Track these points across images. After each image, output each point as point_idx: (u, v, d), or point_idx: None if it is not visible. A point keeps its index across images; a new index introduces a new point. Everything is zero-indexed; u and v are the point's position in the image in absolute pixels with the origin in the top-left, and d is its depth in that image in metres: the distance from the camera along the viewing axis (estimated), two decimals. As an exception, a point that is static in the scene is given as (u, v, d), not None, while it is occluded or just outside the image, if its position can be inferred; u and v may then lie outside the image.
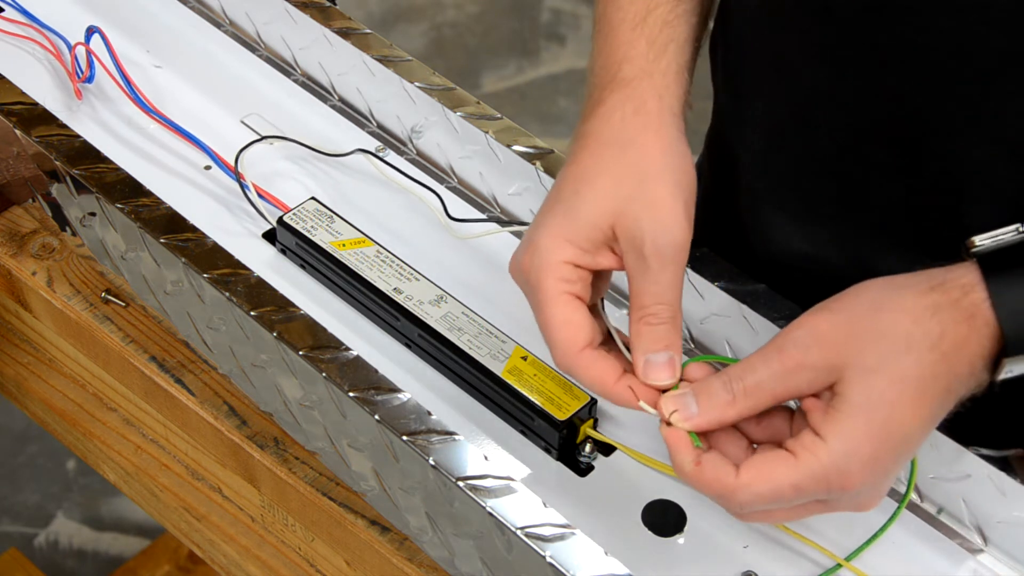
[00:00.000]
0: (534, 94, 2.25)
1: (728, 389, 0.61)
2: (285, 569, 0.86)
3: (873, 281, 0.62)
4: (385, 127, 0.91)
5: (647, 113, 0.67)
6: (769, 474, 0.60)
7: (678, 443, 0.62)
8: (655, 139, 0.67)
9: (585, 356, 0.64)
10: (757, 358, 0.61)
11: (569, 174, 0.67)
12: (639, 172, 0.65)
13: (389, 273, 0.79)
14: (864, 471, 0.59)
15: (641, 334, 0.64)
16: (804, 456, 0.59)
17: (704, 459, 0.61)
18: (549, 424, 0.73)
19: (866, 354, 0.59)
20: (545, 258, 0.65)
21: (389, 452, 0.69)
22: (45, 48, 0.93)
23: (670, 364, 0.64)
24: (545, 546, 0.63)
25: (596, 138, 0.67)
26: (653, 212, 0.64)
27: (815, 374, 0.60)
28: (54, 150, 0.81)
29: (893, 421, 0.59)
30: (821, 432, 0.59)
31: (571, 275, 0.65)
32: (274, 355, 0.73)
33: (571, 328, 0.64)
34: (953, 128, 0.66)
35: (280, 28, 0.94)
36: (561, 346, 0.64)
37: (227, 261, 0.75)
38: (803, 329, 0.61)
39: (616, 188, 0.65)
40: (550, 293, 0.64)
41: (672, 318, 0.64)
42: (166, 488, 0.91)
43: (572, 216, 0.65)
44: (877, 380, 0.59)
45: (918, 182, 0.70)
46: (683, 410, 0.62)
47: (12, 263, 0.88)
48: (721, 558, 0.70)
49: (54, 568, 1.70)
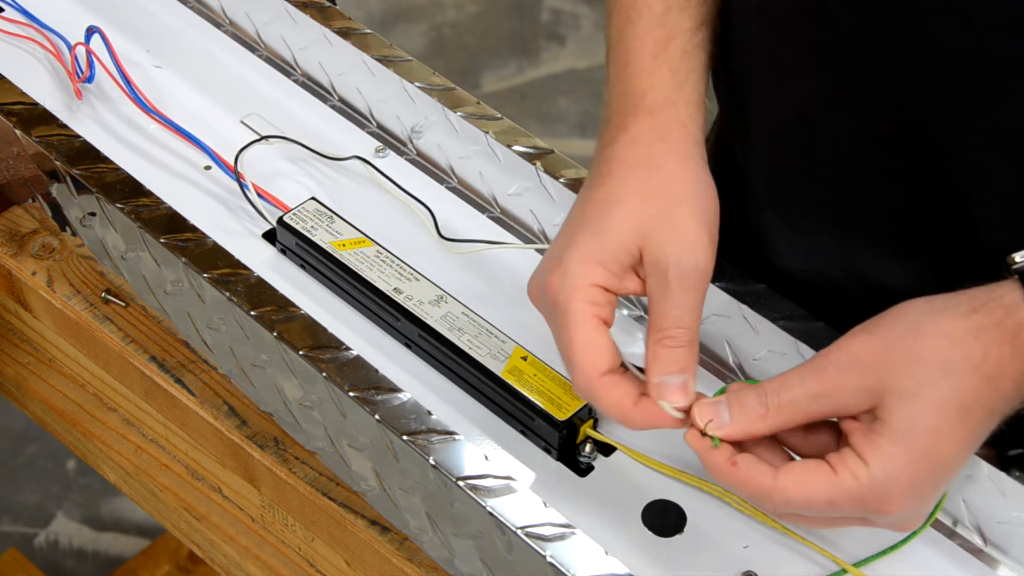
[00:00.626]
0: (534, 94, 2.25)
1: (763, 402, 0.62)
2: (285, 569, 0.86)
3: (913, 302, 0.62)
4: (385, 127, 0.91)
5: (673, 141, 0.68)
6: (806, 483, 0.60)
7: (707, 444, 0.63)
8: (681, 166, 0.68)
9: (606, 380, 0.65)
10: (795, 375, 0.62)
11: (596, 197, 0.68)
12: (666, 196, 0.66)
13: (389, 273, 0.79)
14: (903, 497, 0.60)
15: (658, 356, 0.64)
16: (844, 474, 0.60)
17: (740, 459, 0.62)
18: (549, 424, 0.73)
19: (905, 380, 0.59)
20: (575, 281, 0.65)
21: (389, 452, 0.69)
22: (45, 48, 0.93)
23: (684, 387, 0.64)
24: (545, 546, 0.63)
25: (622, 163, 0.68)
26: (679, 236, 0.65)
27: (852, 397, 0.60)
28: (54, 150, 0.81)
29: (933, 448, 0.59)
30: (863, 454, 0.60)
31: (599, 299, 0.65)
32: (274, 355, 0.73)
33: (596, 351, 0.65)
34: (958, 132, 0.66)
35: (280, 28, 0.94)
36: (584, 369, 0.65)
37: (227, 261, 0.75)
38: (842, 352, 0.61)
39: (644, 210, 0.66)
40: (578, 316, 0.65)
41: (690, 342, 0.64)
42: (166, 488, 0.91)
43: (602, 239, 0.66)
44: (917, 406, 0.59)
45: (924, 187, 0.69)
46: (716, 418, 0.62)
47: (12, 263, 0.88)
48: (721, 558, 0.70)
49: (54, 568, 1.70)
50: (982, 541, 0.72)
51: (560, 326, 0.65)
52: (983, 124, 0.65)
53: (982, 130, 0.66)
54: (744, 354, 0.77)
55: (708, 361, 0.79)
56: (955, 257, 0.71)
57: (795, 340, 0.74)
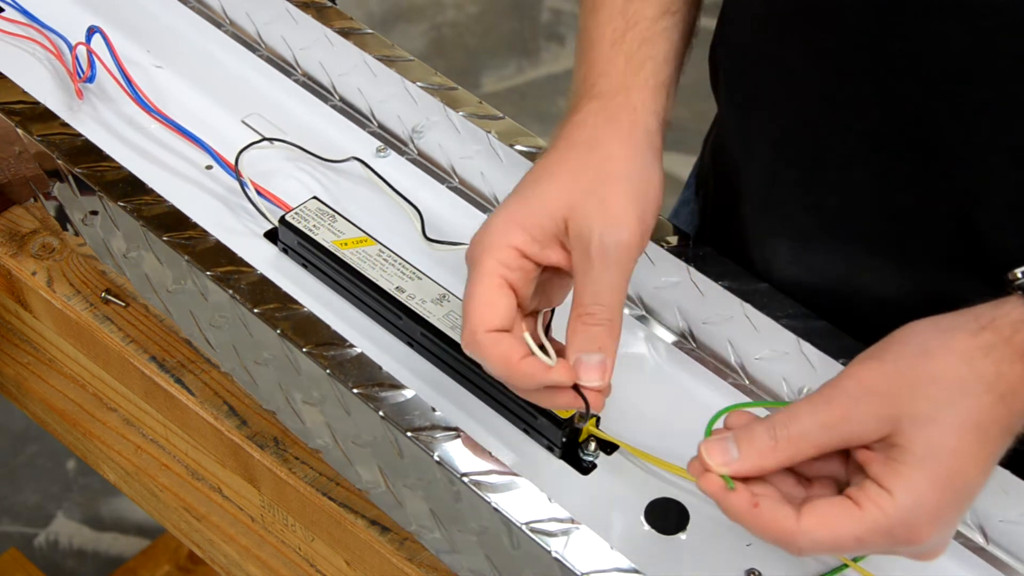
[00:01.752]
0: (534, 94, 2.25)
1: (772, 435, 0.60)
2: (285, 569, 0.86)
3: (918, 323, 0.61)
4: (386, 127, 0.91)
5: (619, 124, 0.68)
6: (832, 523, 0.58)
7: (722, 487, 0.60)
8: (622, 148, 0.67)
9: (491, 336, 0.63)
10: (804, 407, 0.60)
11: (535, 168, 0.68)
12: (599, 172, 0.66)
13: (391, 272, 0.79)
14: (931, 524, 0.58)
15: (576, 332, 0.64)
16: (869, 508, 0.58)
17: (762, 500, 0.59)
18: (552, 423, 0.73)
19: (920, 403, 0.58)
20: (492, 239, 0.64)
21: (393, 448, 0.69)
22: (46, 48, 0.93)
23: (601, 366, 0.63)
24: (550, 541, 0.64)
25: (564, 139, 0.68)
26: (605, 211, 0.64)
27: (865, 426, 0.59)
28: (56, 149, 0.81)
29: (956, 471, 0.58)
30: (886, 484, 0.58)
31: (513, 262, 0.64)
32: (277, 353, 0.73)
33: (487, 308, 0.64)
34: (963, 135, 0.66)
35: (281, 28, 0.94)
36: (470, 323, 0.64)
37: (230, 259, 0.75)
38: (852, 380, 0.59)
39: (574, 182, 0.65)
40: (483, 271, 0.64)
41: (609, 320, 0.63)
42: (166, 488, 0.91)
43: (527, 203, 0.65)
44: (936, 429, 0.58)
45: (927, 191, 0.69)
46: (723, 455, 0.60)
47: (12, 263, 0.88)
48: (724, 556, 0.70)
49: (54, 568, 1.70)
50: (984, 539, 0.72)
51: (467, 282, 0.65)
52: (988, 127, 0.65)
53: (987, 133, 0.65)
54: (746, 353, 0.78)
55: (710, 360, 0.79)
56: (957, 264, 0.71)
57: (797, 339, 0.74)
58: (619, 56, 0.70)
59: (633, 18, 0.71)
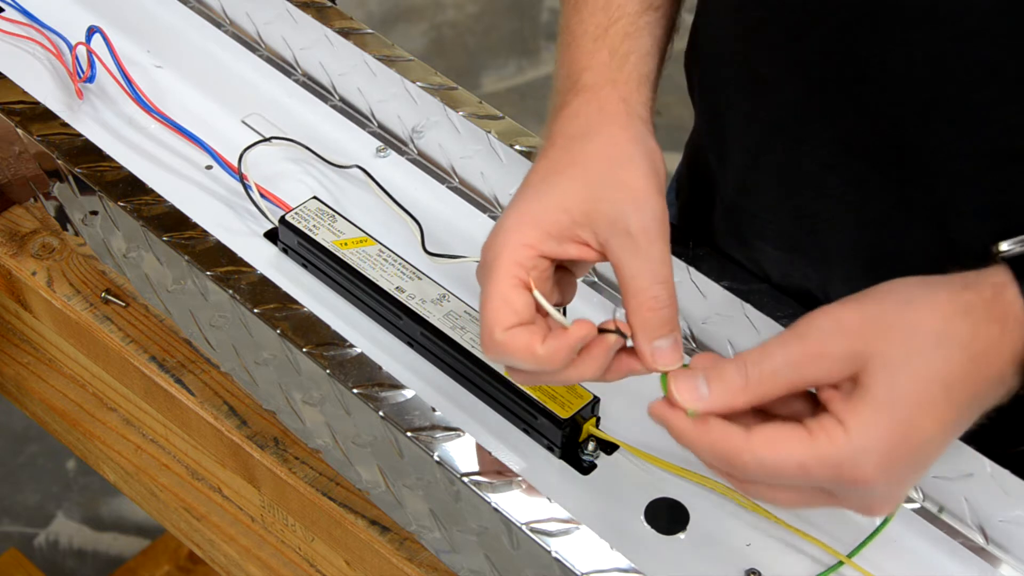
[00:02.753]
0: (534, 94, 2.25)
1: (742, 374, 0.58)
2: (285, 569, 0.86)
3: (905, 279, 0.60)
4: (386, 127, 0.91)
5: (610, 112, 0.67)
6: (779, 444, 0.57)
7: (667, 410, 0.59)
8: (621, 130, 0.67)
9: (508, 333, 0.62)
10: (775, 344, 0.58)
11: (538, 167, 0.67)
12: (608, 158, 0.65)
13: (391, 272, 0.79)
14: (878, 469, 0.56)
15: (646, 321, 0.62)
16: (820, 437, 0.56)
17: (711, 420, 0.58)
18: (552, 422, 0.73)
19: (894, 347, 0.57)
20: (506, 239, 0.63)
21: (393, 448, 0.69)
22: (46, 48, 0.93)
23: (676, 347, 0.62)
24: (550, 541, 0.64)
25: (561, 134, 0.67)
26: (629, 192, 0.63)
27: (835, 363, 0.57)
28: (56, 149, 0.81)
29: (914, 422, 0.56)
30: (842, 419, 0.56)
31: (528, 261, 0.63)
32: (277, 352, 0.73)
33: (503, 307, 0.62)
34: (935, 141, 0.66)
35: (281, 28, 0.94)
36: (487, 325, 0.62)
37: (230, 259, 0.75)
38: (828, 318, 0.58)
39: (585, 174, 0.64)
40: (499, 273, 0.63)
41: (671, 297, 0.62)
42: (166, 488, 0.91)
43: (539, 200, 0.64)
44: (903, 376, 0.56)
45: (901, 198, 0.69)
46: (692, 391, 0.59)
47: (12, 263, 0.88)
48: (724, 556, 0.70)
49: (54, 568, 1.70)
50: (984, 539, 0.72)
51: (482, 285, 0.63)
52: (956, 134, 0.65)
53: (955, 141, 0.66)
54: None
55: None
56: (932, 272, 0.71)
57: (797, 338, 0.74)
58: (602, 50, 0.70)
59: (615, 13, 0.71)
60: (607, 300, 0.81)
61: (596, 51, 0.70)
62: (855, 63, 0.67)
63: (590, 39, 0.70)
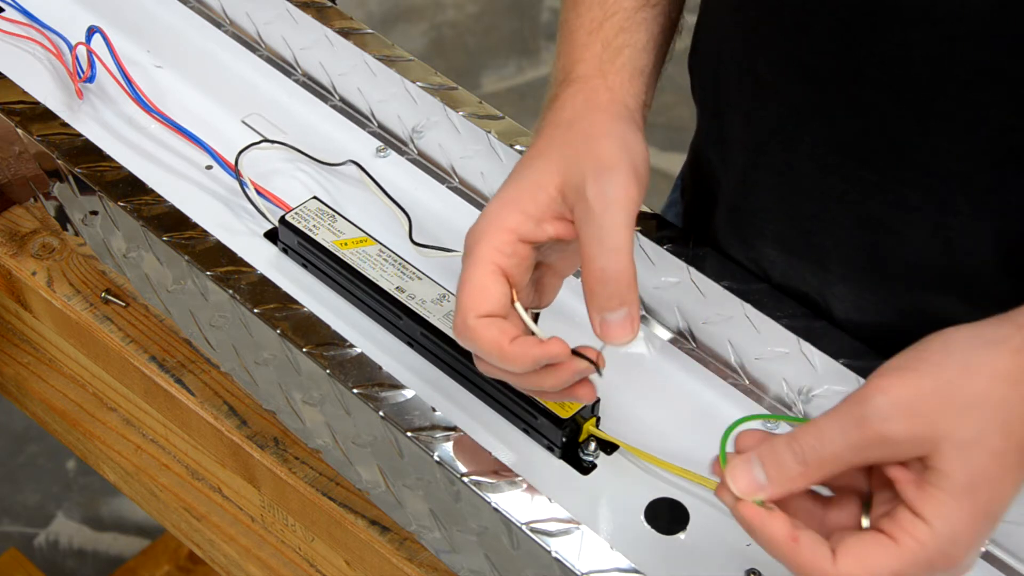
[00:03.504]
0: (534, 94, 2.25)
1: (800, 460, 0.56)
2: (285, 569, 0.86)
3: (956, 332, 0.57)
4: (386, 127, 0.91)
5: (598, 102, 0.68)
6: (869, 562, 0.55)
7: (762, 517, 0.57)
8: (603, 116, 0.67)
9: (482, 321, 0.62)
10: (833, 427, 0.56)
11: (524, 157, 0.68)
12: (585, 137, 0.65)
13: (391, 272, 0.79)
14: (969, 550, 0.55)
15: (593, 292, 0.61)
16: (906, 542, 0.55)
17: (801, 537, 0.56)
18: (552, 422, 0.73)
19: (963, 427, 0.54)
20: (487, 224, 0.63)
21: (393, 448, 0.69)
22: (46, 48, 0.93)
23: (628, 320, 0.61)
24: (550, 541, 0.64)
25: (548, 123, 0.68)
26: (595, 162, 0.63)
27: (901, 447, 0.55)
28: (56, 149, 0.81)
29: (996, 497, 0.55)
30: (922, 513, 0.54)
31: (507, 247, 0.63)
32: (277, 352, 0.73)
33: (479, 293, 0.62)
34: (933, 142, 0.66)
35: (281, 28, 0.94)
36: (460, 309, 0.62)
37: (230, 259, 0.76)
38: (884, 396, 0.55)
39: (561, 154, 0.65)
40: (477, 258, 0.63)
41: (622, 269, 0.61)
42: (166, 488, 0.91)
43: (518, 184, 0.65)
44: (978, 455, 0.54)
45: (900, 198, 0.69)
46: (750, 481, 0.57)
47: (12, 263, 0.88)
48: (724, 555, 0.70)
49: (54, 568, 1.70)
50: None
51: (461, 271, 0.63)
52: (956, 134, 0.65)
53: (952, 142, 0.66)
54: (746, 353, 0.77)
55: (710, 360, 0.79)
56: (930, 275, 0.71)
57: (798, 339, 0.74)
58: (596, 43, 0.70)
59: (611, 8, 0.71)
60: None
61: (589, 44, 0.70)
62: (854, 63, 0.67)
63: (584, 32, 0.71)
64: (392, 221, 0.85)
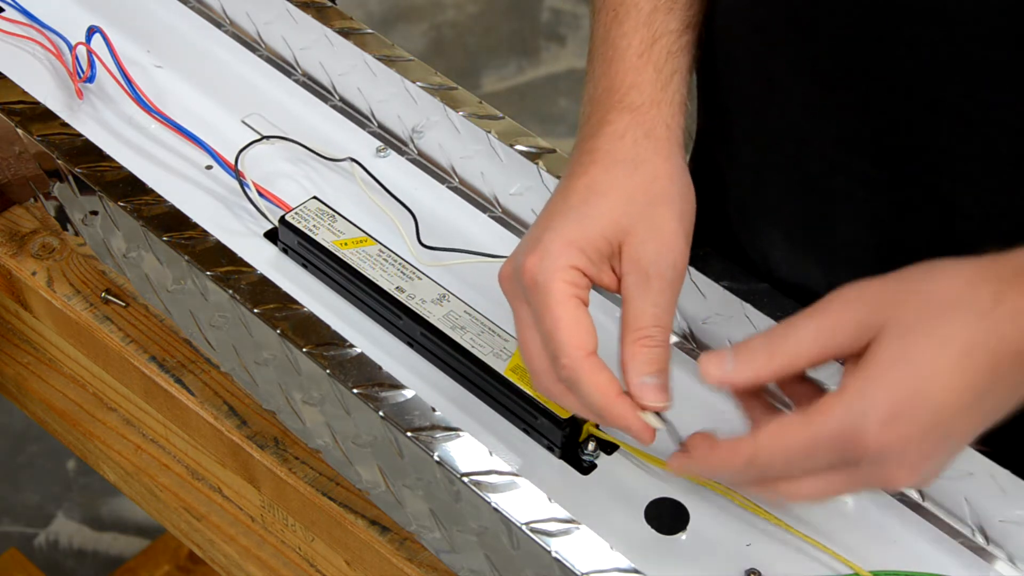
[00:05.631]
0: (534, 94, 2.25)
1: (767, 347, 0.58)
2: (285, 569, 0.86)
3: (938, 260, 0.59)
4: (386, 127, 0.91)
5: (657, 139, 0.68)
6: (783, 431, 0.57)
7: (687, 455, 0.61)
8: (664, 164, 0.67)
9: (594, 361, 0.63)
10: (801, 316, 0.58)
11: (578, 185, 0.67)
12: (648, 194, 0.66)
13: (391, 272, 0.79)
14: (882, 432, 0.54)
15: (636, 355, 0.63)
16: (816, 413, 0.56)
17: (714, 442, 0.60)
18: (552, 422, 0.73)
19: (907, 313, 0.55)
20: (556, 261, 0.64)
21: (393, 448, 0.69)
22: (46, 48, 0.93)
23: (662, 387, 0.63)
24: (550, 541, 0.64)
25: (607, 154, 0.68)
26: (659, 236, 0.65)
27: (854, 331, 0.56)
28: (56, 149, 0.81)
29: (924, 382, 0.54)
30: (840, 389, 0.56)
31: (579, 281, 0.64)
32: (277, 352, 0.73)
33: (582, 331, 0.63)
34: (942, 141, 0.66)
35: (281, 28, 0.94)
36: (570, 350, 0.63)
37: (230, 259, 0.75)
38: (852, 289, 0.58)
39: (626, 205, 0.65)
40: (560, 296, 0.64)
41: (666, 342, 0.64)
42: (166, 488, 0.91)
43: (583, 225, 0.65)
44: (912, 339, 0.55)
45: (907, 198, 0.70)
46: (720, 366, 0.59)
47: (12, 263, 0.88)
48: (724, 556, 0.70)
49: (54, 568, 1.70)
50: (984, 539, 0.72)
51: (542, 307, 0.64)
52: (963, 135, 0.65)
53: (962, 141, 0.66)
54: (746, 353, 0.77)
55: (710, 360, 0.79)
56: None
57: (797, 338, 0.74)
58: (648, 67, 0.70)
59: (659, 31, 0.71)
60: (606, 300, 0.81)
61: (641, 68, 0.70)
62: (862, 62, 0.67)
63: (634, 54, 0.70)
64: (392, 221, 0.85)
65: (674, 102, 0.70)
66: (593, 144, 0.68)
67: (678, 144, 0.69)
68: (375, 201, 0.86)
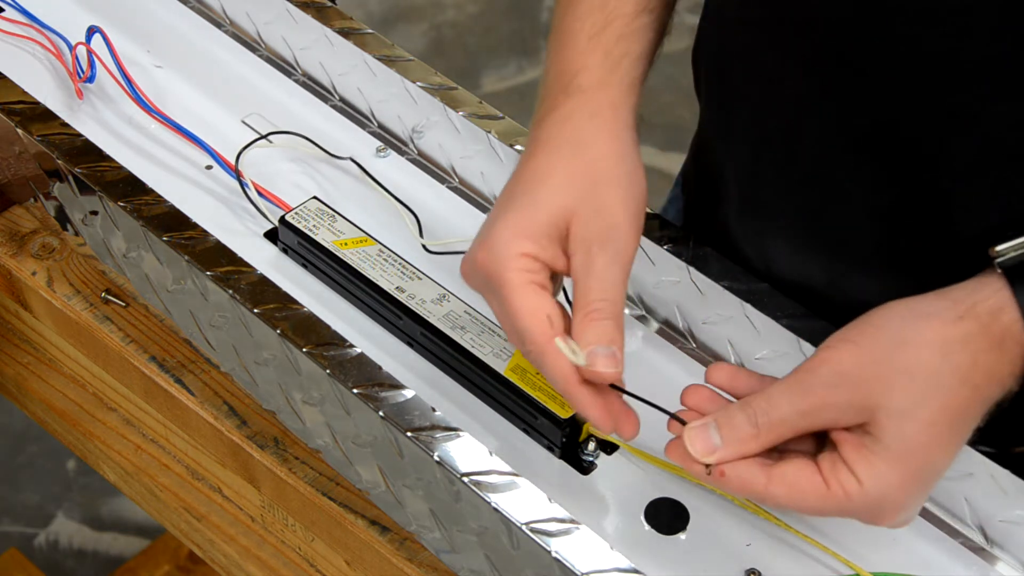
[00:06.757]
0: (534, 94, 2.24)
1: (752, 423, 0.61)
2: (285, 569, 0.86)
3: (893, 306, 0.62)
4: (386, 127, 0.91)
5: (603, 120, 0.68)
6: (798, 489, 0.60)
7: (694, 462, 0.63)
8: (609, 144, 0.68)
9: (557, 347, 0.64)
10: (782, 394, 0.61)
11: (525, 172, 0.68)
12: (592, 174, 0.66)
13: (391, 272, 0.79)
14: (896, 511, 0.60)
15: (585, 329, 0.63)
16: (836, 489, 0.60)
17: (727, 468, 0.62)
18: (552, 422, 0.73)
19: (895, 396, 0.59)
20: (505, 250, 0.64)
21: (393, 448, 0.69)
22: (46, 48, 0.93)
23: (612, 356, 0.63)
24: (550, 541, 0.64)
25: (551, 138, 0.68)
26: (603, 215, 0.65)
27: (842, 413, 0.60)
28: (56, 149, 0.81)
29: (926, 464, 0.60)
30: (856, 471, 0.59)
31: (532, 265, 0.65)
32: (277, 352, 0.73)
33: (541, 316, 0.64)
34: (937, 137, 0.66)
35: (281, 28, 0.94)
36: (532, 335, 0.64)
37: (230, 259, 0.75)
38: (827, 367, 0.60)
39: (569, 186, 0.66)
40: (515, 283, 0.64)
41: (615, 315, 0.64)
42: (166, 488, 0.91)
43: (528, 212, 0.66)
44: (910, 425, 0.59)
45: (904, 193, 0.70)
46: (706, 443, 0.62)
47: (12, 263, 0.88)
48: (724, 556, 0.70)
49: (54, 568, 1.70)
50: (984, 539, 0.72)
51: (501, 298, 0.65)
52: (960, 128, 0.66)
53: (958, 136, 0.66)
54: (746, 353, 0.78)
55: (710, 360, 0.79)
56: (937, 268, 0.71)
57: (798, 339, 0.74)
58: (597, 51, 0.70)
59: (612, 14, 0.71)
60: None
61: (590, 51, 0.70)
62: (857, 58, 0.67)
63: (584, 38, 0.71)
64: (392, 221, 0.85)
65: (623, 83, 0.70)
66: (540, 130, 0.69)
67: (626, 125, 0.69)
68: (376, 200, 0.86)
